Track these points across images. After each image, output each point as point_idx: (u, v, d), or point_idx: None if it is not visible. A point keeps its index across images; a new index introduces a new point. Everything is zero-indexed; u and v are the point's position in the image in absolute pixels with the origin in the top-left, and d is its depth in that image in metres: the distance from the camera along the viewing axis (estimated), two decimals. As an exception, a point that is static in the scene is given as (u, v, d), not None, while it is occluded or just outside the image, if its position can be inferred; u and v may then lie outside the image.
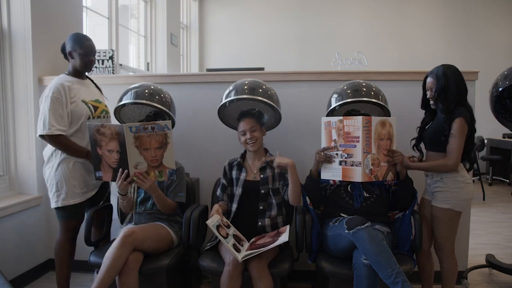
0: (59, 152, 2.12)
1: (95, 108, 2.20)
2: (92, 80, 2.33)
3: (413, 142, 2.18)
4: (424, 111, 2.15)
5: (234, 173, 2.20)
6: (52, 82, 2.12)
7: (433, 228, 2.09)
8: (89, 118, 2.15)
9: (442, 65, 2.02)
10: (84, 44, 2.15)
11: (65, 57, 2.21)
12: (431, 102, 2.04)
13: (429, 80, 2.03)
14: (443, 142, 1.97)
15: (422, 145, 2.19)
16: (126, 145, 1.90)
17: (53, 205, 2.15)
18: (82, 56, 2.14)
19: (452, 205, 1.99)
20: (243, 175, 2.17)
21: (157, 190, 2.06)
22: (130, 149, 1.91)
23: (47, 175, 2.17)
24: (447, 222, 2.03)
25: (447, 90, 1.95)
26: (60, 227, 2.18)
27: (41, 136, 2.06)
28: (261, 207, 2.11)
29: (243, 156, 2.23)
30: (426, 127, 2.12)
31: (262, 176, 2.14)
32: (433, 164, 2.02)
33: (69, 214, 2.15)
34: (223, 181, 2.23)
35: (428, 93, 2.04)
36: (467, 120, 1.94)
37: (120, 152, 1.92)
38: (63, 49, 2.20)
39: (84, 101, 2.16)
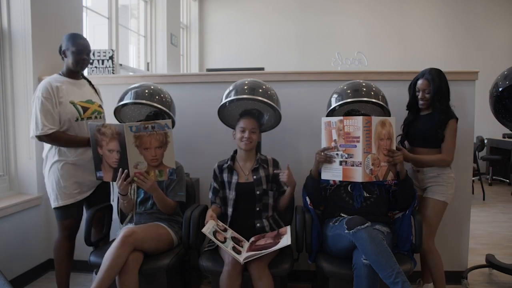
0: (52, 154, 2.13)
1: (85, 109, 2.17)
2: (88, 80, 2.31)
3: (398, 138, 2.27)
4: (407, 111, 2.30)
5: (225, 176, 2.18)
6: (42, 82, 2.12)
7: (422, 222, 2.12)
8: (76, 119, 2.13)
9: (431, 68, 2.17)
10: (77, 42, 2.13)
11: (63, 58, 2.20)
12: (420, 102, 2.18)
13: (422, 82, 2.16)
14: (437, 140, 2.13)
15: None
16: (126, 144, 1.90)
17: (52, 205, 2.18)
18: (74, 54, 2.12)
19: (446, 197, 2.17)
20: (235, 178, 2.15)
21: (157, 190, 2.06)
22: (130, 148, 1.91)
23: (45, 177, 2.20)
24: (439, 213, 2.18)
25: (441, 91, 2.11)
26: (57, 226, 2.20)
27: (37, 136, 2.06)
28: (257, 209, 2.11)
29: (233, 158, 2.21)
30: (410, 125, 2.26)
31: (255, 177, 2.13)
32: (433, 158, 2.17)
33: (64, 214, 2.16)
34: (214, 184, 2.20)
35: (420, 94, 2.17)
36: (457, 121, 2.15)
37: (120, 152, 1.92)
38: (60, 50, 2.19)
39: (72, 102, 2.13)
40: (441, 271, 2.18)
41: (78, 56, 2.13)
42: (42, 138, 2.07)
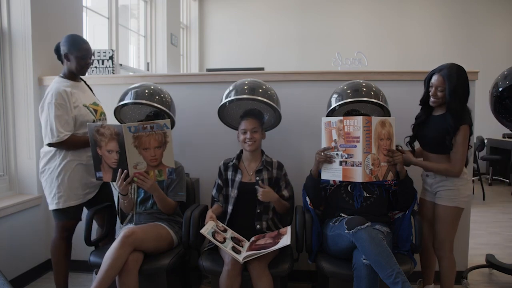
0: (61, 154, 2.10)
1: (95, 111, 2.20)
2: (85, 82, 2.30)
3: (407, 139, 2.20)
4: (420, 107, 2.15)
5: (229, 174, 2.19)
6: (52, 88, 2.08)
7: (435, 228, 2.11)
8: (93, 121, 2.14)
9: (452, 64, 1.99)
10: (82, 47, 2.11)
11: (59, 58, 2.16)
12: (431, 100, 2.02)
13: (437, 77, 1.98)
14: (447, 145, 1.99)
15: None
16: (125, 145, 1.90)
17: (52, 206, 2.12)
18: (79, 59, 2.11)
19: (458, 202, 2.03)
20: (238, 177, 2.15)
21: (158, 190, 2.06)
22: (129, 149, 1.91)
23: (46, 176, 2.13)
24: (452, 220, 2.05)
25: (458, 91, 1.94)
26: (56, 226, 2.17)
27: (50, 144, 2.04)
28: (258, 210, 2.11)
29: (239, 157, 2.22)
30: (420, 125, 2.13)
31: (258, 178, 2.13)
32: (439, 166, 2.04)
33: (69, 215, 2.14)
34: (219, 181, 2.21)
35: (432, 90, 2.01)
36: (470, 127, 1.99)
37: (120, 153, 1.92)
38: (57, 50, 2.15)
39: (85, 106, 2.15)
40: (452, 281, 2.12)
41: (83, 61, 2.13)
42: (55, 145, 2.04)
